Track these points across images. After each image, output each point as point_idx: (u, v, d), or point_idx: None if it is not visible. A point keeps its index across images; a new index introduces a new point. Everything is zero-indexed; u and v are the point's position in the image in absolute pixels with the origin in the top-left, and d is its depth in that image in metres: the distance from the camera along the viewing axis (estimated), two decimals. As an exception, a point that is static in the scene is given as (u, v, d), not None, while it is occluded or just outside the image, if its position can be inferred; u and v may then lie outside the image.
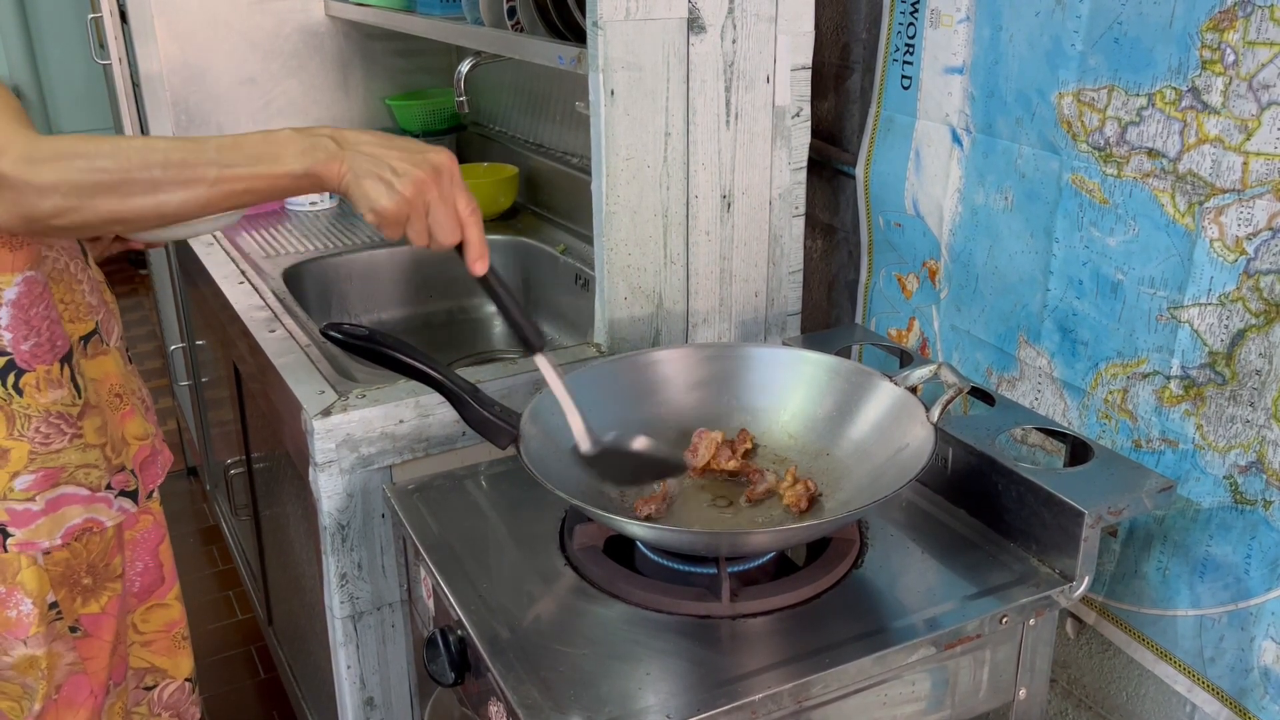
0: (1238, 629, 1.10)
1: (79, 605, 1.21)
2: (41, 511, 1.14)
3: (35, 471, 1.13)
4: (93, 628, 1.23)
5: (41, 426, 1.13)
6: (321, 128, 0.98)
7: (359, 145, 0.96)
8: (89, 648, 1.23)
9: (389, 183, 0.94)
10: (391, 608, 1.42)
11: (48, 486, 1.14)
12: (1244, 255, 1.03)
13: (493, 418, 1.10)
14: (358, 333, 1.07)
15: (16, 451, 1.12)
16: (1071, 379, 1.24)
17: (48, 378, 1.13)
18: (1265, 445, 1.04)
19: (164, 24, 2.26)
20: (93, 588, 1.22)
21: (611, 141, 1.34)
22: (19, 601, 1.15)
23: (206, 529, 2.88)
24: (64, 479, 1.15)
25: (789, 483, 1.13)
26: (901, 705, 1.04)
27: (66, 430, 1.15)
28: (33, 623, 1.16)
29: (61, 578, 1.18)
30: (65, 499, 1.16)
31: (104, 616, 1.24)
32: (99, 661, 1.24)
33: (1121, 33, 1.10)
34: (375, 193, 0.94)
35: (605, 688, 0.93)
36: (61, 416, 1.14)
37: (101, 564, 1.23)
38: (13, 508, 1.13)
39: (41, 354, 1.12)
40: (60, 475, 1.15)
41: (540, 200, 2.28)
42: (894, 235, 1.50)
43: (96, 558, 1.21)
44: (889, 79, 1.44)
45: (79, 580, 1.20)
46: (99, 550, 1.21)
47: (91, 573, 1.21)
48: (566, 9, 1.53)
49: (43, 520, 1.14)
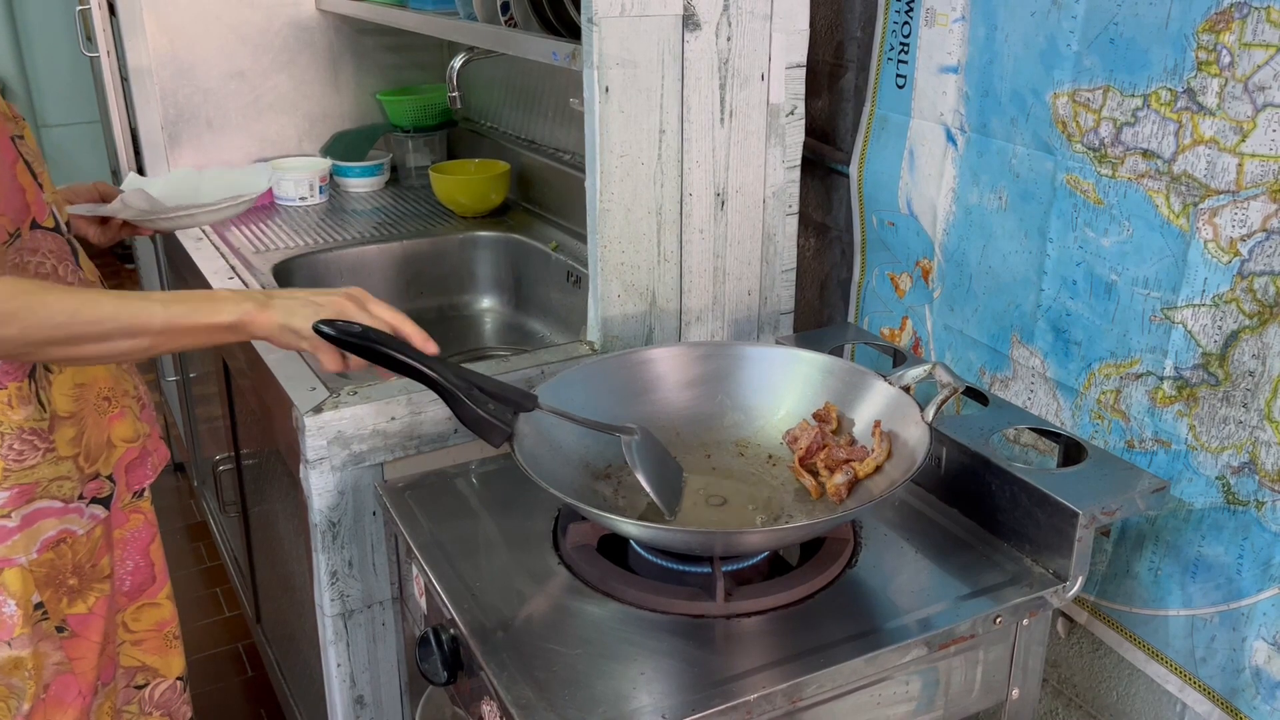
0: (1229, 629, 1.11)
1: (65, 606, 1.20)
2: (17, 527, 1.13)
3: (10, 489, 1.12)
4: (80, 628, 1.22)
5: (15, 444, 1.12)
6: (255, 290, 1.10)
7: (283, 295, 1.08)
8: (76, 648, 1.22)
9: (316, 307, 1.05)
10: (382, 606, 1.42)
11: (23, 502, 1.13)
12: (1238, 257, 1.03)
13: (487, 416, 1.09)
14: (351, 329, 1.07)
15: None
16: (1065, 379, 1.25)
17: (19, 394, 1.11)
18: (1258, 446, 1.05)
19: (153, 17, 2.25)
20: (79, 589, 1.21)
21: (606, 138, 1.33)
22: (2, 603, 1.13)
23: (193, 525, 2.87)
24: (39, 494, 1.14)
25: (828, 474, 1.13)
26: (895, 705, 1.04)
27: (39, 445, 1.14)
28: (17, 624, 1.14)
29: (46, 579, 1.17)
30: (40, 513, 1.15)
31: (92, 617, 1.23)
32: (87, 662, 1.23)
33: (1117, 33, 1.10)
34: (302, 321, 1.05)
35: (599, 687, 0.93)
36: (34, 432, 1.13)
37: (88, 565, 1.21)
38: None
39: (12, 370, 1.11)
40: (35, 490, 1.14)
41: (532, 197, 2.27)
42: (887, 234, 1.50)
43: (83, 559, 1.20)
44: (884, 78, 1.44)
45: (64, 581, 1.19)
46: (85, 552, 1.20)
47: (78, 574, 1.20)
48: (561, 4, 1.52)
49: (18, 536, 1.13)
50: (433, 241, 2.12)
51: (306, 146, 2.50)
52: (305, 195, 2.31)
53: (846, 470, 1.12)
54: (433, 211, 2.27)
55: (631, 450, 1.10)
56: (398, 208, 2.31)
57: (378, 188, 2.45)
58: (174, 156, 2.34)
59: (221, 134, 2.39)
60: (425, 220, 2.22)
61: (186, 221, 1.47)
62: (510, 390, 1.11)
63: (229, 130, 2.40)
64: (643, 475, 1.08)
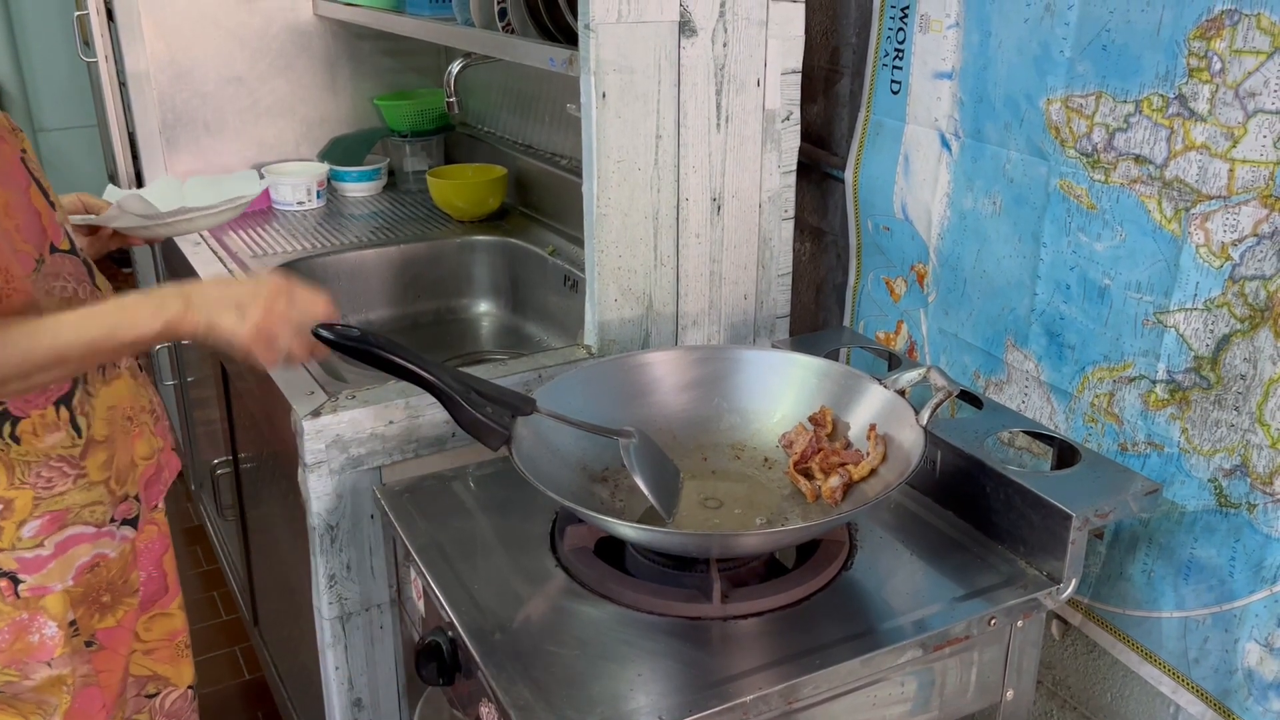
0: (1222, 631, 1.11)
1: (96, 621, 1.20)
2: (51, 555, 1.12)
3: (41, 516, 1.11)
4: (108, 641, 1.22)
5: (43, 471, 1.11)
6: (168, 287, 1.05)
7: (203, 292, 1.05)
8: (104, 660, 1.21)
9: (238, 314, 1.02)
10: (380, 609, 1.42)
11: (55, 529, 1.12)
12: (1229, 261, 1.04)
13: (484, 419, 1.10)
14: (349, 333, 1.07)
15: (20, 500, 1.10)
16: (1058, 382, 1.25)
17: (43, 422, 1.10)
18: (1249, 449, 1.05)
19: (151, 22, 2.25)
20: (111, 604, 1.21)
21: (603, 144, 1.34)
22: (42, 625, 1.13)
23: (190, 529, 2.87)
24: (71, 519, 1.13)
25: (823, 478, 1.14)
26: (890, 706, 1.05)
27: (70, 472, 1.13)
28: (58, 645, 1.14)
29: (82, 598, 1.17)
30: (73, 540, 1.14)
31: (120, 630, 1.23)
32: (113, 674, 1.23)
33: (1109, 40, 1.11)
34: (231, 323, 1.02)
35: (596, 688, 0.94)
36: (63, 459, 1.12)
37: (120, 581, 1.22)
38: (22, 556, 1.11)
39: (35, 399, 1.09)
40: (67, 517, 1.13)
41: (529, 201, 2.28)
42: (882, 239, 1.50)
43: (116, 575, 1.21)
44: (878, 83, 1.45)
45: (98, 599, 1.19)
46: (117, 570, 1.21)
47: (111, 590, 1.20)
48: (558, 11, 1.53)
49: (53, 564, 1.13)
50: (430, 246, 2.12)
51: (304, 151, 2.50)
52: (303, 200, 2.31)
53: (841, 473, 1.12)
54: (430, 216, 2.28)
55: (630, 454, 1.11)
56: (395, 212, 2.32)
57: (375, 192, 2.45)
58: (171, 161, 2.34)
59: (219, 138, 2.40)
60: (423, 224, 2.22)
61: (182, 227, 1.42)
62: (508, 394, 1.11)
63: (226, 135, 2.40)
64: (640, 478, 1.09)
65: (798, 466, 1.16)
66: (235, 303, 1.03)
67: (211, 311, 1.02)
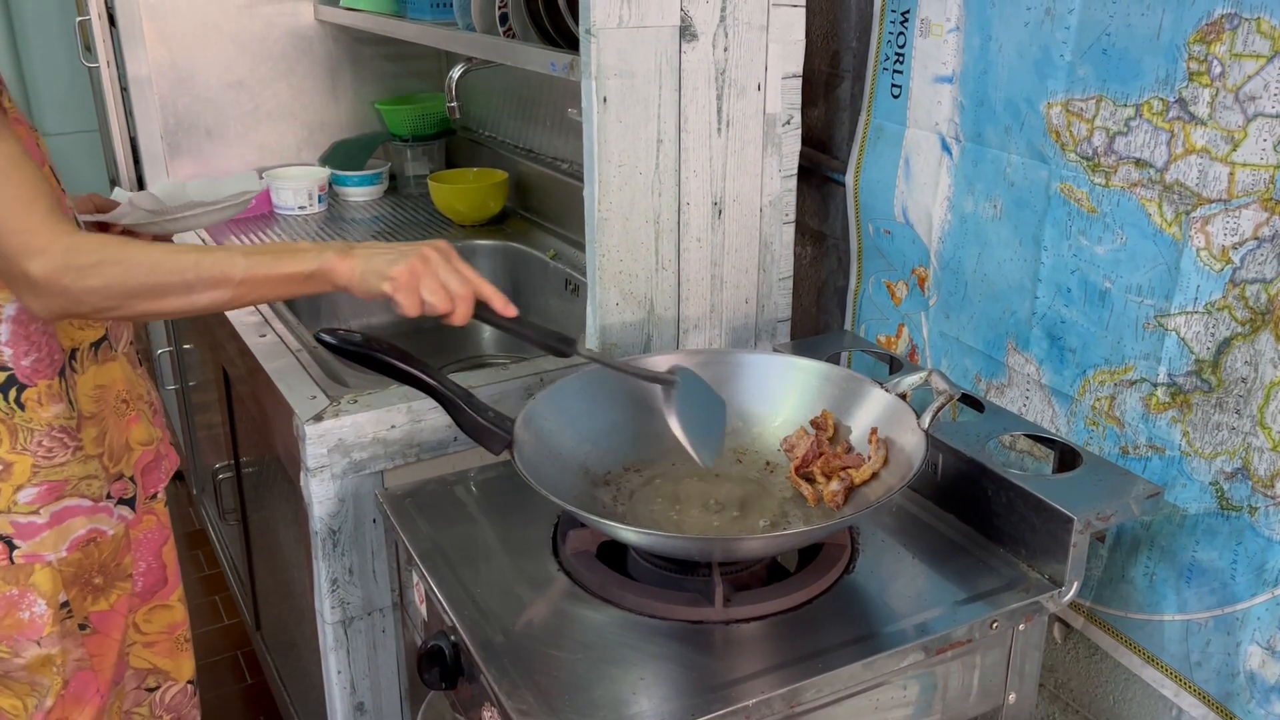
0: (1224, 633, 1.11)
1: (89, 603, 1.22)
2: (46, 524, 1.15)
3: (39, 485, 1.14)
4: (101, 625, 1.24)
5: (44, 440, 1.13)
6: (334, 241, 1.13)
7: (365, 245, 1.10)
8: (97, 644, 1.24)
9: (396, 256, 1.07)
10: (382, 613, 1.42)
11: (52, 499, 1.15)
12: (1230, 264, 1.04)
13: (486, 423, 1.10)
14: (352, 338, 1.08)
15: (20, 465, 1.12)
16: (1060, 386, 1.26)
17: (49, 392, 1.13)
18: (1250, 452, 1.06)
19: (153, 27, 2.26)
20: (103, 586, 1.23)
21: (604, 148, 1.34)
22: (32, 603, 1.15)
23: (192, 533, 2.87)
24: (68, 491, 1.16)
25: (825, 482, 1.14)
26: (892, 710, 1.05)
27: (69, 443, 1.16)
28: (47, 623, 1.16)
29: (74, 578, 1.19)
30: (69, 511, 1.16)
31: (113, 614, 1.25)
32: (106, 659, 1.24)
33: (1110, 44, 1.11)
34: (384, 263, 1.06)
35: (599, 692, 0.94)
36: (64, 430, 1.15)
37: (112, 563, 1.23)
38: (17, 520, 1.13)
39: (42, 369, 1.13)
40: (64, 488, 1.16)
41: (530, 205, 2.28)
42: (883, 242, 1.51)
43: (107, 558, 1.22)
44: (879, 87, 1.45)
45: (90, 580, 1.21)
46: (110, 551, 1.22)
47: (103, 572, 1.22)
48: (559, 15, 1.53)
49: (48, 533, 1.15)
50: (431, 250, 2.12)
51: (305, 155, 2.51)
52: (304, 204, 2.32)
53: (843, 477, 1.13)
54: (431, 220, 2.28)
55: (671, 399, 1.13)
56: (396, 216, 2.32)
57: (376, 196, 2.46)
58: (173, 165, 2.35)
59: (221, 143, 2.40)
60: (424, 229, 2.23)
61: (191, 222, 1.45)
62: (550, 334, 1.13)
63: (228, 139, 2.41)
64: (677, 424, 1.11)
65: (799, 470, 1.16)
66: (394, 250, 1.08)
67: (369, 257, 1.07)
